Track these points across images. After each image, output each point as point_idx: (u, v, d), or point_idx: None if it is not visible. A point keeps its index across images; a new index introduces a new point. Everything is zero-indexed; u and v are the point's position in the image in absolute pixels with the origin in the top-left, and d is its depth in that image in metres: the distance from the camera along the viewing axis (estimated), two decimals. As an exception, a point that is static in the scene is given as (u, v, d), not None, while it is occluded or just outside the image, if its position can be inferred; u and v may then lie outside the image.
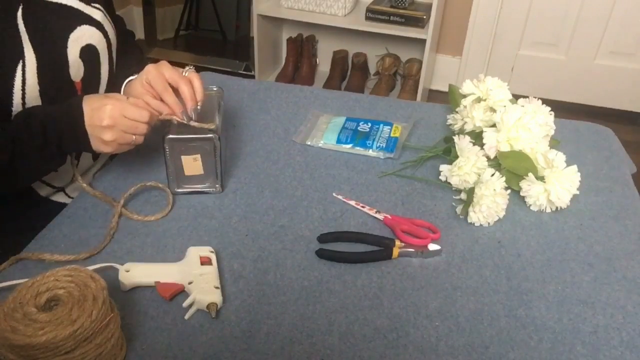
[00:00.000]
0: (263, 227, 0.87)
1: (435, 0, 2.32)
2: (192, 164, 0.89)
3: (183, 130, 0.86)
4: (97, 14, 0.93)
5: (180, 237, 0.85)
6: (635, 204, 0.96)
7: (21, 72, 0.81)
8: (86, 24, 0.90)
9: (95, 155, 1.04)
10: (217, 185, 0.93)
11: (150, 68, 0.88)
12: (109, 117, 0.80)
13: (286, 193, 0.95)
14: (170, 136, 0.86)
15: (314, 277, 0.79)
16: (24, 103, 0.83)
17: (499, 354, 0.69)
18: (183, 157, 0.88)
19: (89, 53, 0.91)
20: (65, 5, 0.88)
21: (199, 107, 0.89)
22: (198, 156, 0.88)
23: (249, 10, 2.78)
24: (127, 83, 0.97)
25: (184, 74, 0.90)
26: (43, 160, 0.82)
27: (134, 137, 0.83)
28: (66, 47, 0.87)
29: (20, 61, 0.81)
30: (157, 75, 0.87)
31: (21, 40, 0.81)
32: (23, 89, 0.82)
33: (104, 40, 0.94)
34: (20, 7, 0.82)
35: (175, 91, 0.88)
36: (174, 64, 0.97)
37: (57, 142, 0.81)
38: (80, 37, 0.89)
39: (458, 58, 2.72)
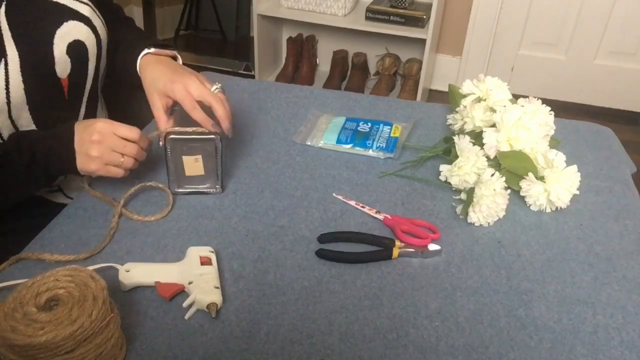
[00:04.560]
0: (263, 227, 0.87)
1: (435, 0, 2.32)
2: (193, 165, 0.89)
3: (184, 130, 0.86)
4: (84, 9, 0.91)
5: (180, 237, 0.85)
6: (635, 204, 0.96)
7: (4, 70, 0.81)
8: (74, 19, 0.89)
9: None
10: (218, 186, 0.93)
11: (178, 87, 0.85)
12: (99, 132, 0.80)
13: (286, 193, 0.95)
14: (172, 136, 0.85)
15: (313, 277, 0.79)
16: (8, 102, 0.82)
17: (499, 354, 0.69)
18: (184, 158, 0.88)
19: (76, 49, 0.90)
20: (52, 1, 0.87)
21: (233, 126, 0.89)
22: (199, 157, 0.88)
23: (249, 10, 2.79)
24: (144, 55, 0.95)
25: (212, 89, 0.88)
26: (28, 179, 0.82)
27: (122, 158, 0.82)
28: (52, 44, 0.87)
29: (2, 60, 0.80)
30: (185, 96, 0.85)
31: (2, 39, 0.81)
32: (7, 88, 0.81)
33: (93, 35, 0.93)
34: (4, 4, 0.81)
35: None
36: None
37: (44, 162, 0.81)
38: (68, 33, 0.88)
39: (458, 58, 2.72)
